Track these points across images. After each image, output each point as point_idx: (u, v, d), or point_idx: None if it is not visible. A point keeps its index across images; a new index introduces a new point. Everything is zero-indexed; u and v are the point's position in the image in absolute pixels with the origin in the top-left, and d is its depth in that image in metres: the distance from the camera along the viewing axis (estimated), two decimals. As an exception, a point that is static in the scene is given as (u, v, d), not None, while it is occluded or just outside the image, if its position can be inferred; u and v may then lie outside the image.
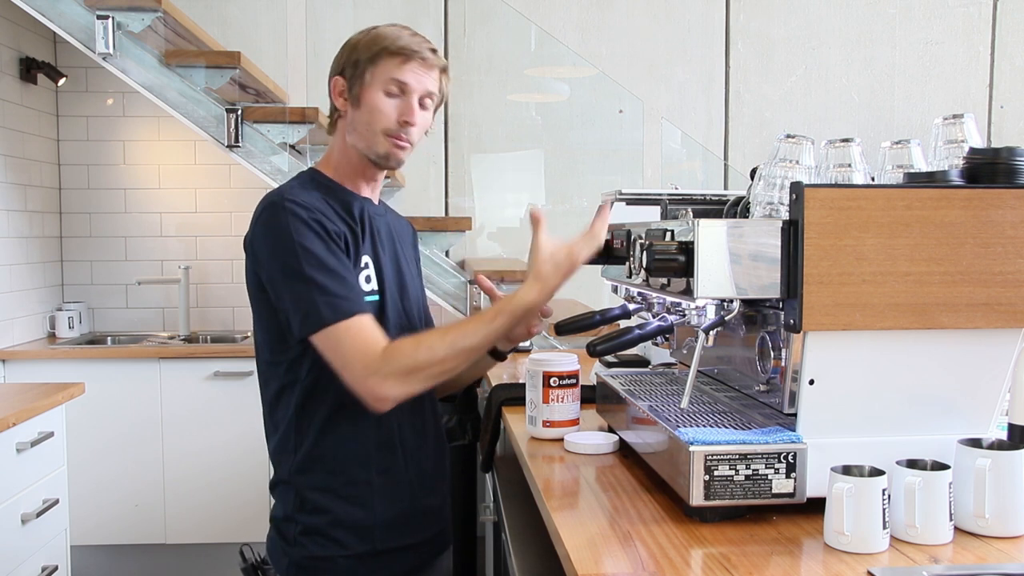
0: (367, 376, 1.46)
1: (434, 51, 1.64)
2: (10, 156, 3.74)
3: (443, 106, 1.82)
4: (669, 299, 1.49)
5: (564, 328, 1.77)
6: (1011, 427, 1.33)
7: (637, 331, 1.49)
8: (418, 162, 4.07)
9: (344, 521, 1.59)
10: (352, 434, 1.59)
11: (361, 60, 1.62)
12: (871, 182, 1.40)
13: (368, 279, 1.60)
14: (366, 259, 1.61)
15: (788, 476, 1.25)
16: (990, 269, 1.22)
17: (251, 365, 1.66)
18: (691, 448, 1.25)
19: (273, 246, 1.52)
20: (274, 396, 1.62)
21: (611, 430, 1.78)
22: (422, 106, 1.63)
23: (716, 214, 1.58)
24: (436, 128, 4.13)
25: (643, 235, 1.45)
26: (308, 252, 1.49)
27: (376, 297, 1.61)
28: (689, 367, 1.39)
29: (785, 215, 1.30)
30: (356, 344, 1.47)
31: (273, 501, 1.68)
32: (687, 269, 1.27)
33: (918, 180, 1.30)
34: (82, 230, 4.20)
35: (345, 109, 1.65)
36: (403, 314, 1.67)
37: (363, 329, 1.48)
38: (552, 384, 1.78)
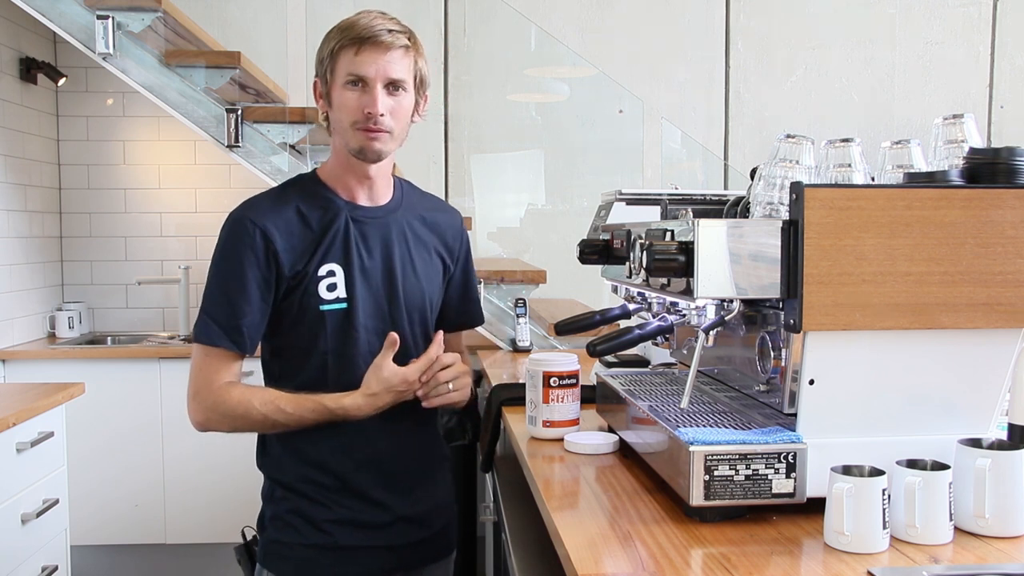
0: (193, 399, 1.62)
1: (394, 31, 1.58)
2: (10, 156, 3.74)
3: (444, 106, 1.80)
4: (669, 299, 1.49)
5: (564, 328, 1.78)
6: (1011, 427, 1.33)
7: (637, 331, 1.49)
8: (418, 162, 4.07)
9: (302, 512, 1.64)
10: (308, 438, 1.62)
11: (325, 59, 1.62)
12: (871, 182, 1.40)
13: (332, 287, 1.61)
14: (330, 267, 1.61)
15: (788, 476, 1.25)
16: (990, 269, 1.22)
17: (251, 365, 1.69)
18: (691, 448, 1.25)
19: (213, 253, 1.63)
20: None
21: (611, 430, 1.78)
22: (392, 92, 1.59)
23: (716, 214, 1.58)
24: (436, 128, 4.13)
25: (643, 235, 1.45)
26: (219, 270, 1.60)
27: (343, 305, 1.61)
28: (689, 367, 1.39)
29: (785, 215, 1.30)
30: (203, 369, 1.61)
31: None
32: (687, 269, 1.27)
33: (918, 180, 1.29)
34: (82, 230, 4.20)
35: (326, 111, 1.65)
36: (388, 320, 1.66)
37: (215, 362, 1.60)
38: (552, 384, 1.78)
